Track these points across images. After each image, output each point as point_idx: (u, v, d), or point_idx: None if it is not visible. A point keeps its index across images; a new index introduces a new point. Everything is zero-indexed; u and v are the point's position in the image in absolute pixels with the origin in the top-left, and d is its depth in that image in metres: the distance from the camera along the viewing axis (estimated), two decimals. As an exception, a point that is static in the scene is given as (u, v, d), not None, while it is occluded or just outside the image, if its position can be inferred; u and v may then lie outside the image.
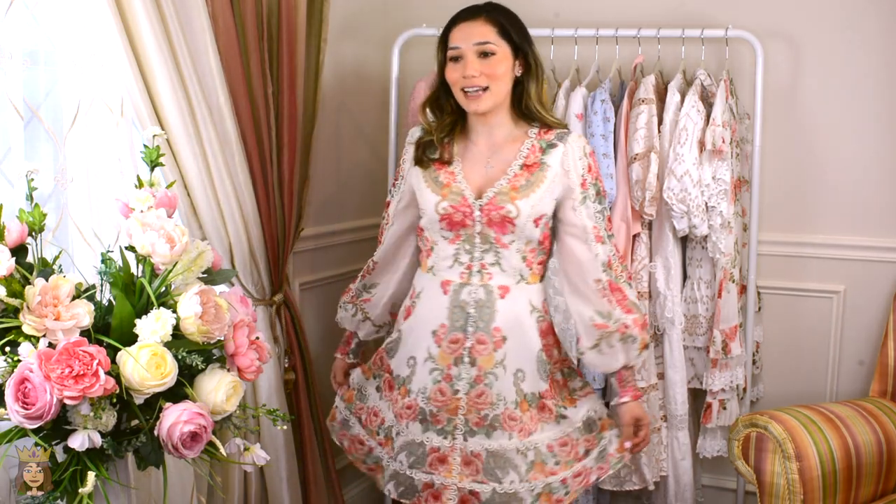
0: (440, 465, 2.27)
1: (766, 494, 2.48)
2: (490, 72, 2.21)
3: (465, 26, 2.24)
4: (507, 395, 2.26)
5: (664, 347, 2.87)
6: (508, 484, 2.23)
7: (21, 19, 2.04)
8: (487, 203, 2.24)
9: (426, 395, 2.29)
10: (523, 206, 2.23)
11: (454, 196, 2.27)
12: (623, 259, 2.39)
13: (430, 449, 2.28)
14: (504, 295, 2.27)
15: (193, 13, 2.25)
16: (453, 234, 2.28)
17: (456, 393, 2.26)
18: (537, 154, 2.27)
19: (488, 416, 2.25)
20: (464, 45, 2.22)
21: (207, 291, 1.73)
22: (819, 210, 3.03)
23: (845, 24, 2.93)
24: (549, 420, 2.29)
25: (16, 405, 1.55)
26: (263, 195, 2.56)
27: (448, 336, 2.28)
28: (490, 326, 2.26)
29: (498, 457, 2.24)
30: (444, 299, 2.29)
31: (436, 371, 2.29)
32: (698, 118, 2.76)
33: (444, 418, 2.27)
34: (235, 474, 2.59)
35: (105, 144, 2.24)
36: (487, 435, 2.25)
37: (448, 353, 2.28)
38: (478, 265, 2.27)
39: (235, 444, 1.81)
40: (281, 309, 2.70)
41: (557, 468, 2.26)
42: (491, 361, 2.26)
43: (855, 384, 3.03)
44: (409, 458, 2.30)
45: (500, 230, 2.25)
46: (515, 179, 2.25)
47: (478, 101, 2.23)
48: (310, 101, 2.75)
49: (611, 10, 3.10)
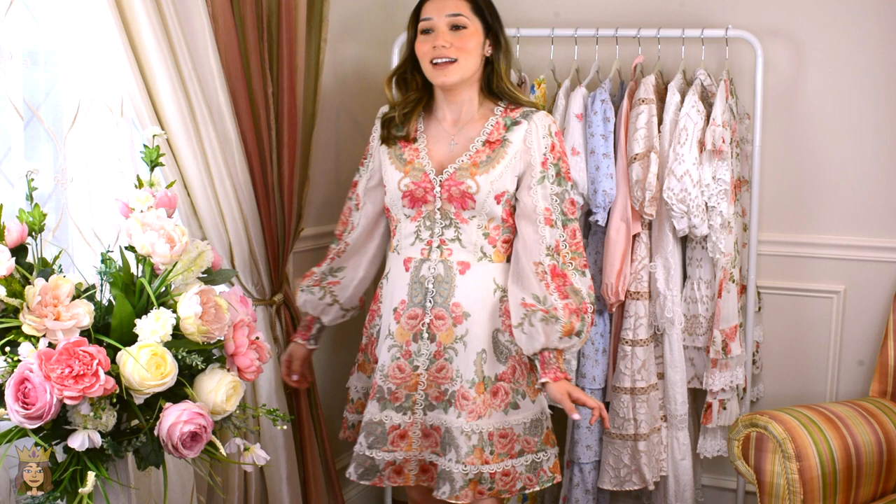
0: (401, 441, 2.30)
1: (766, 494, 2.48)
2: (461, 44, 2.23)
3: (437, 0, 2.25)
4: (464, 374, 2.26)
5: (664, 347, 2.88)
6: (447, 461, 2.25)
7: (21, 19, 2.04)
8: (448, 178, 2.25)
9: (384, 372, 2.30)
10: (482, 182, 2.23)
11: (416, 172, 2.28)
12: (579, 246, 2.28)
13: (391, 427, 2.29)
14: (464, 271, 2.27)
15: (193, 13, 2.25)
16: (415, 212, 2.30)
17: (416, 369, 2.28)
18: (501, 131, 2.28)
19: (447, 390, 2.27)
20: (436, 15, 2.24)
21: (207, 291, 1.73)
22: (819, 210, 3.03)
23: (845, 23, 2.93)
24: (499, 409, 2.27)
25: (16, 405, 1.55)
26: (263, 195, 2.56)
27: (407, 312, 2.29)
28: (449, 302, 2.27)
29: (450, 433, 2.26)
30: (405, 276, 2.31)
31: (394, 348, 2.30)
32: (698, 118, 2.76)
33: (402, 395, 2.29)
34: (235, 474, 2.59)
35: (105, 144, 2.24)
36: (444, 410, 2.27)
37: (407, 330, 2.29)
38: (437, 241, 2.28)
39: (235, 444, 1.81)
40: (281, 309, 2.70)
41: (491, 458, 2.26)
42: (451, 336, 2.27)
43: (855, 384, 3.03)
44: (369, 439, 2.30)
45: (460, 205, 2.25)
46: (476, 155, 2.26)
47: (446, 72, 2.23)
48: (310, 101, 2.75)
49: (611, 10, 3.10)
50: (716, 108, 2.75)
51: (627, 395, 2.84)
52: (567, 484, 3.02)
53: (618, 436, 2.87)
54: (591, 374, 2.91)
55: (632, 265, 2.86)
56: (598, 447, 2.94)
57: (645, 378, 2.85)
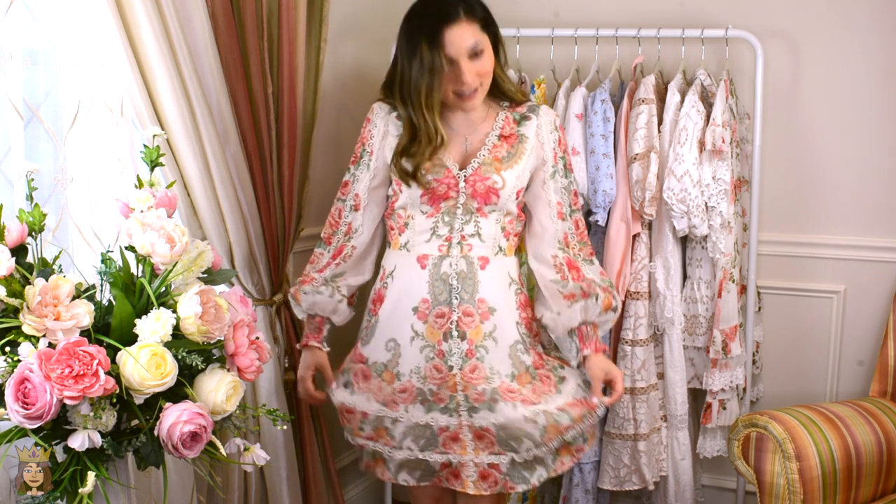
0: (453, 444, 2.27)
1: (766, 494, 2.48)
2: (482, 70, 2.24)
3: (452, 33, 2.19)
4: (500, 369, 2.26)
5: (664, 347, 2.88)
6: (525, 452, 2.26)
7: (21, 19, 2.04)
8: (473, 174, 2.26)
9: (421, 374, 2.27)
10: (508, 177, 2.26)
11: (438, 169, 2.26)
12: (584, 236, 2.38)
13: (440, 429, 2.27)
14: (484, 266, 2.28)
15: (193, 13, 2.25)
16: (433, 208, 2.28)
17: (451, 369, 2.25)
18: (512, 125, 2.31)
19: (486, 390, 2.25)
20: (456, 52, 2.20)
21: (207, 291, 1.73)
22: (819, 210, 3.03)
23: (845, 23, 2.93)
24: (551, 392, 2.30)
25: (16, 405, 1.55)
26: (263, 195, 2.56)
27: (433, 311, 2.26)
28: (475, 298, 2.26)
29: (507, 429, 2.24)
30: (422, 273, 2.28)
31: (427, 348, 2.27)
32: (698, 118, 2.76)
33: (445, 396, 2.26)
34: (235, 474, 2.59)
35: (105, 144, 2.24)
36: (490, 409, 2.24)
37: (437, 329, 2.26)
38: (458, 236, 2.27)
39: (235, 444, 1.81)
40: (281, 309, 2.70)
41: (570, 423, 2.28)
42: (480, 334, 2.26)
43: (855, 384, 3.03)
44: (419, 442, 2.28)
45: (483, 201, 2.26)
46: (496, 150, 2.28)
47: (472, 101, 2.26)
48: (310, 101, 2.75)
49: (611, 10, 3.10)
50: (716, 108, 2.75)
51: (627, 395, 2.84)
52: (567, 484, 3.02)
53: (618, 436, 2.87)
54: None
55: (632, 265, 2.86)
56: (597, 447, 2.94)
57: (645, 378, 2.85)
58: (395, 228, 2.34)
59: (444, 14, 2.20)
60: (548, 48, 3.00)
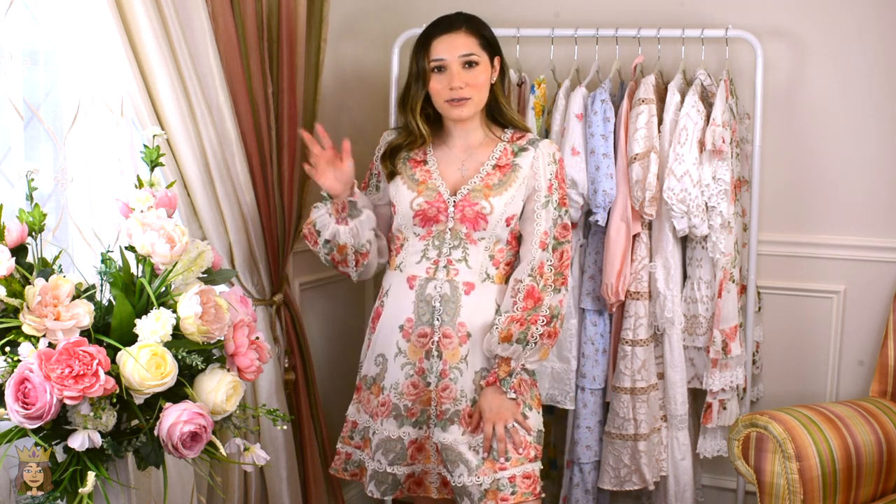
0: (418, 454, 2.36)
1: (766, 494, 2.48)
2: (474, 82, 2.31)
3: (447, 38, 2.32)
4: (468, 393, 2.33)
5: (664, 347, 2.87)
6: (458, 477, 2.30)
7: (21, 19, 2.04)
8: (462, 199, 2.33)
9: (399, 390, 2.35)
10: (497, 204, 2.32)
11: (430, 192, 2.35)
12: (564, 267, 2.36)
13: (409, 442, 2.35)
14: (469, 292, 2.33)
15: (193, 13, 2.25)
16: (425, 231, 2.35)
17: (428, 385, 2.33)
18: (509, 156, 2.37)
19: (448, 410, 2.32)
20: (448, 56, 2.31)
21: (207, 291, 1.73)
22: (819, 210, 3.03)
23: (846, 23, 2.93)
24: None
25: (16, 405, 1.55)
26: (263, 195, 2.56)
27: (416, 330, 2.34)
28: (455, 321, 2.32)
29: (450, 450, 2.31)
30: (410, 294, 2.35)
31: (408, 366, 2.35)
32: (698, 118, 2.76)
33: (418, 410, 2.34)
34: (235, 474, 2.59)
35: (105, 144, 2.24)
36: (443, 428, 2.32)
37: (419, 347, 2.34)
38: (445, 260, 2.34)
39: (235, 444, 1.81)
40: (281, 309, 2.70)
41: (507, 464, 2.30)
42: (456, 356, 2.33)
43: (855, 384, 3.03)
44: (388, 456, 2.36)
45: (472, 226, 2.32)
46: (488, 178, 2.34)
47: (461, 109, 2.32)
48: (310, 101, 2.75)
49: (611, 10, 3.10)
50: (716, 108, 2.74)
51: (627, 395, 2.84)
52: (567, 484, 3.02)
53: (618, 436, 2.87)
54: (591, 374, 2.91)
55: (632, 265, 2.86)
56: (598, 447, 2.94)
57: (645, 378, 2.85)
58: (392, 250, 2.44)
59: (447, 25, 2.33)
60: (548, 48, 3.00)
